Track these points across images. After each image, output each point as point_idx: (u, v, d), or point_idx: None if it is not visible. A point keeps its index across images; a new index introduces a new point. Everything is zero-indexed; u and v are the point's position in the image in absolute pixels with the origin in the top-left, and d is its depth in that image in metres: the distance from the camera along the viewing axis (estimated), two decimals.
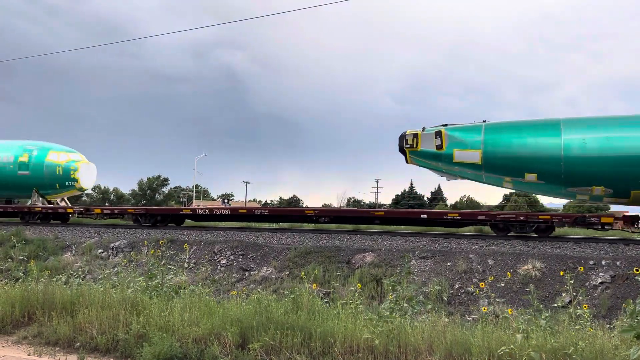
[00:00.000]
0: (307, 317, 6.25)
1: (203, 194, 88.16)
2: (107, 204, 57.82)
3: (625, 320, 5.02)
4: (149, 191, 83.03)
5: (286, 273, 14.88)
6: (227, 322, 6.38)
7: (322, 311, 6.46)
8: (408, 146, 19.77)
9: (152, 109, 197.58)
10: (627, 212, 18.34)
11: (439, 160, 19.32)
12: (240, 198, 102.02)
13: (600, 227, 17.32)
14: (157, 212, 24.12)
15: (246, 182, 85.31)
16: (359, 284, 7.65)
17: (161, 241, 14.89)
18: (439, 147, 19.06)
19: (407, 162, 20.43)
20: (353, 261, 15.31)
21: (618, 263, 13.24)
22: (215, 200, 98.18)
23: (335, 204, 78.51)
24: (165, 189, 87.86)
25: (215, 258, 16.65)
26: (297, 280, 13.17)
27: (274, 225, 25.37)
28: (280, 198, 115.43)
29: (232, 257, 16.50)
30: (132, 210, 23.89)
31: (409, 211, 28.88)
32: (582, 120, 18.17)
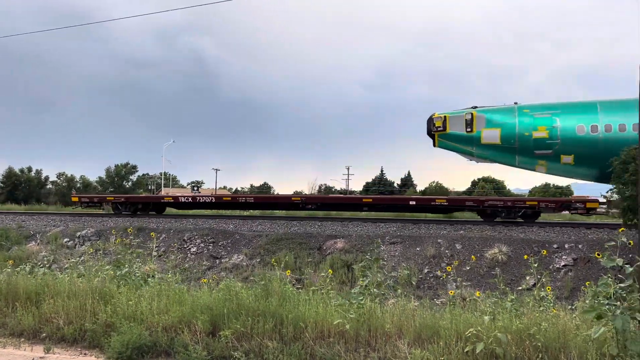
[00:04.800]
0: (279, 304, 6.25)
1: (172, 182, 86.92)
2: (73, 191, 56.33)
3: (586, 301, 5.19)
4: (116, 178, 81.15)
5: (257, 260, 14.86)
6: (197, 310, 6.33)
7: (293, 297, 6.47)
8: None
9: (119, 94, 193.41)
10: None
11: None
12: (210, 185, 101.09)
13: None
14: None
15: (216, 170, 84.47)
16: (330, 270, 7.69)
17: (129, 229, 14.64)
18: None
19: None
20: (324, 247, 15.39)
21: (580, 246, 13.67)
22: (184, 187, 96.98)
23: (306, 190, 78.47)
24: (134, 177, 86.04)
25: (185, 246, 16.49)
26: (268, 267, 13.15)
27: (245, 213, 25.24)
28: (251, 185, 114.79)
29: (202, 244, 16.37)
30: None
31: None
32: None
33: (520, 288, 9.31)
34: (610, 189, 16.19)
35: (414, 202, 20.05)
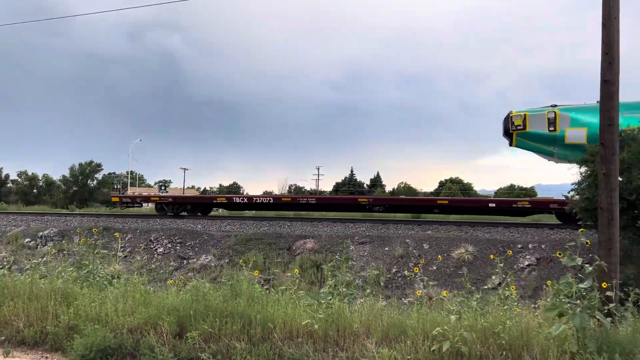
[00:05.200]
0: (247, 304, 6.20)
1: (138, 181, 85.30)
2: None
3: (548, 300, 5.33)
4: (81, 177, 79.05)
5: (226, 261, 14.74)
6: (163, 311, 6.22)
7: (261, 298, 6.43)
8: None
9: (84, 91, 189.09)
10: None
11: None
12: (178, 185, 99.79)
13: None
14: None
15: (184, 169, 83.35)
16: (297, 270, 7.68)
17: (94, 229, 14.34)
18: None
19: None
20: (294, 247, 15.37)
21: (543, 246, 14.03)
22: (151, 187, 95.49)
23: (276, 190, 78.29)
24: (99, 175, 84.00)
25: (152, 246, 16.22)
26: (237, 268, 13.07)
27: (213, 212, 24.98)
28: (220, 185, 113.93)
29: (169, 245, 16.13)
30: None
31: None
32: None
33: (485, 287, 9.49)
34: (572, 189, 16.55)
35: (493, 205, 19.08)
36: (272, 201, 21.27)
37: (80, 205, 55.40)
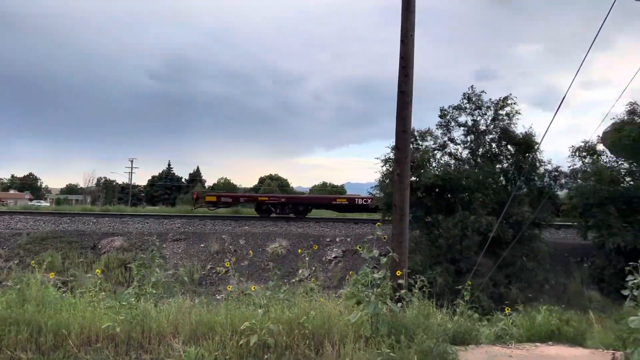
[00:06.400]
0: (37, 310, 5.55)
1: None
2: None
3: (348, 289, 5.77)
4: None
5: (15, 262, 13.01)
6: None
7: (55, 302, 5.82)
8: None
9: None
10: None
11: None
12: None
13: None
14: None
15: None
16: (97, 270, 7.13)
17: None
18: None
19: None
20: (99, 246, 14.24)
21: (349, 239, 15.21)
22: None
23: (82, 184, 71.74)
24: None
25: None
26: (29, 270, 11.63)
27: (3, 208, 21.85)
28: (13, 176, 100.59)
29: None
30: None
31: None
32: None
33: (293, 280, 9.94)
34: (375, 186, 18.19)
35: None
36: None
37: None
